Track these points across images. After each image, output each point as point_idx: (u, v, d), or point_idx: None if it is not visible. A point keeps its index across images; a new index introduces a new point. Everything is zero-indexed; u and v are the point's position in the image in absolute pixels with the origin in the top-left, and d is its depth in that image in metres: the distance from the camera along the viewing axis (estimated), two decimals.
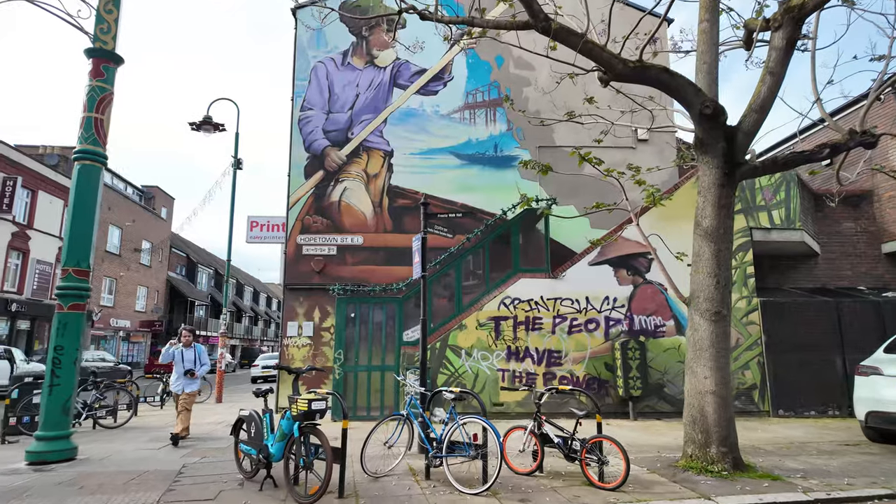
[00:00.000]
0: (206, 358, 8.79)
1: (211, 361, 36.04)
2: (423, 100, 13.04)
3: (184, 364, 8.58)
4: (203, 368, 8.71)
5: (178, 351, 8.65)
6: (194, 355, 8.68)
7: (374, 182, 12.62)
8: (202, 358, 8.76)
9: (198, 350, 8.79)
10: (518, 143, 12.95)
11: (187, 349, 8.68)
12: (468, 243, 11.56)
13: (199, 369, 8.68)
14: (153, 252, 36.90)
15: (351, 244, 12.26)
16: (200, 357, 8.75)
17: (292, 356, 11.77)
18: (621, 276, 11.04)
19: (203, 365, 8.71)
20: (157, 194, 38.89)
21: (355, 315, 10.76)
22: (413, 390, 6.53)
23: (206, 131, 17.17)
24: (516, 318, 10.73)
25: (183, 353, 8.64)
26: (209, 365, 8.64)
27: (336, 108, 12.90)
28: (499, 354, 10.59)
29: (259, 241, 12.99)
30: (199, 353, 8.78)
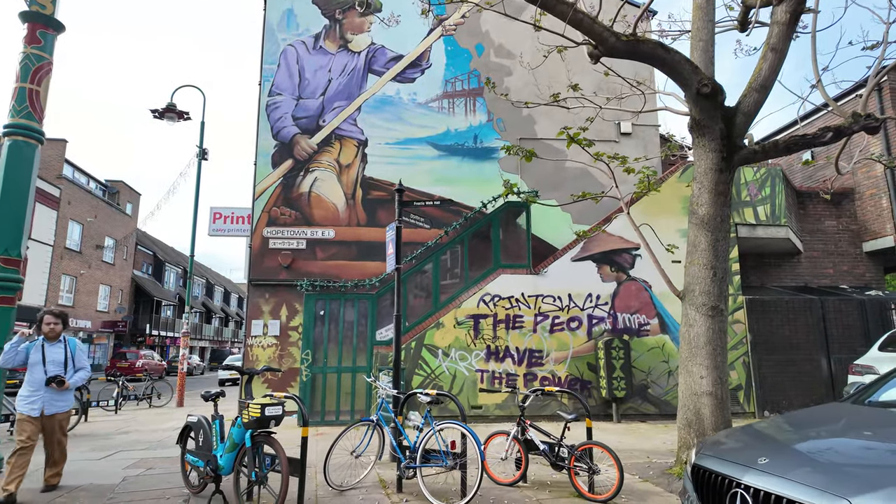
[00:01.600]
0: (85, 359, 5.52)
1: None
2: (400, 87, 12.42)
3: (45, 368, 5.19)
4: (78, 376, 5.39)
5: (32, 346, 5.26)
6: (64, 354, 5.34)
7: (347, 173, 11.94)
8: (77, 359, 5.44)
9: (71, 346, 5.44)
10: (499, 135, 12.43)
11: (52, 344, 5.32)
12: (446, 237, 10.99)
13: (72, 377, 5.32)
14: (117, 249, 35.33)
15: (321, 238, 11.55)
16: (75, 357, 5.42)
17: (257, 357, 11.00)
18: (605, 273, 10.60)
19: (79, 370, 5.42)
20: (122, 189, 37.30)
21: (325, 312, 10.07)
22: (385, 393, 5.91)
23: (169, 119, 16.24)
24: (496, 315, 10.19)
25: (44, 351, 5.26)
26: (88, 370, 5.54)
27: (307, 94, 12.18)
28: (478, 354, 10.03)
29: (223, 233, 12.18)
30: (73, 350, 5.44)
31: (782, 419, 3.92)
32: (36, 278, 26.53)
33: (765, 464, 2.73)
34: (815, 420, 3.65)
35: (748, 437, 3.41)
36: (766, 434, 3.40)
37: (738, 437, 3.52)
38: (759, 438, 3.32)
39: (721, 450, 3.22)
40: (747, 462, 2.83)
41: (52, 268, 27.89)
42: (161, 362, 31.05)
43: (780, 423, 3.75)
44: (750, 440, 3.34)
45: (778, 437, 3.33)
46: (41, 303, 26.87)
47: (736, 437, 3.54)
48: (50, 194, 27.61)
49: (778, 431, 3.47)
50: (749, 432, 3.54)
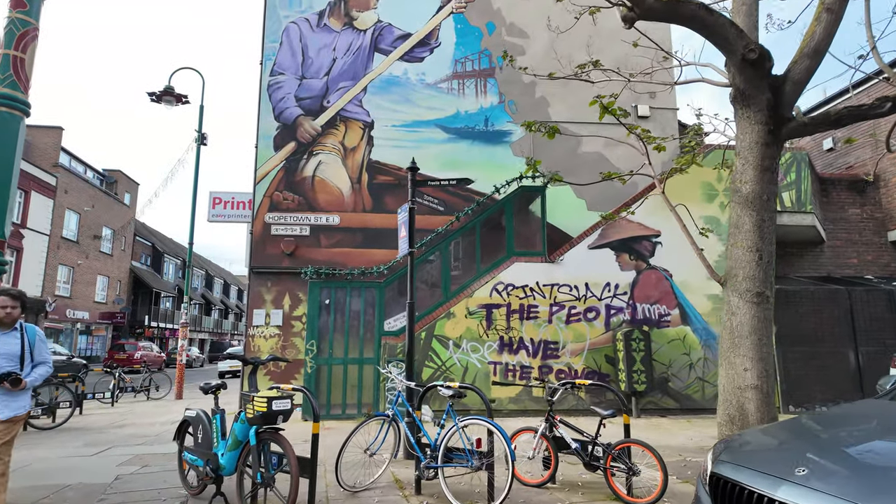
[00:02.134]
0: (46, 351, 4.26)
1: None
2: (408, 67, 11.88)
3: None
4: (38, 373, 4.12)
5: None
6: (22, 345, 4.07)
7: (353, 156, 11.42)
8: (37, 351, 4.17)
9: (29, 336, 4.17)
10: (510, 117, 11.90)
11: (5, 333, 4.04)
12: (457, 223, 10.50)
13: (30, 374, 4.07)
14: (115, 240, 34.81)
15: (326, 224, 11.05)
16: (34, 349, 4.15)
17: (259, 348, 10.53)
18: (623, 261, 10.12)
19: (38, 364, 4.16)
20: (120, 179, 36.70)
21: (330, 301, 9.60)
22: (401, 385, 5.44)
23: (167, 103, 15.69)
24: (509, 305, 9.72)
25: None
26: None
27: (310, 74, 11.63)
28: (490, 346, 9.57)
29: (222, 219, 11.68)
30: (33, 341, 4.18)
31: (817, 418, 3.42)
32: (32, 268, 26.04)
33: (803, 475, 2.22)
34: (857, 419, 3.12)
35: (778, 440, 2.90)
36: (801, 436, 2.89)
37: (764, 440, 3.00)
38: (793, 442, 2.81)
39: (746, 455, 2.70)
40: (781, 473, 2.31)
41: (49, 257, 27.38)
42: (160, 354, 30.63)
43: (816, 422, 3.23)
44: (781, 443, 2.83)
45: (816, 440, 2.81)
46: (38, 293, 26.40)
47: (762, 440, 3.02)
48: (46, 182, 27.06)
49: (815, 433, 2.96)
50: (779, 434, 3.03)
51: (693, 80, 6.54)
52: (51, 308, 27.24)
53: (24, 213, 25.40)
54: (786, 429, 3.15)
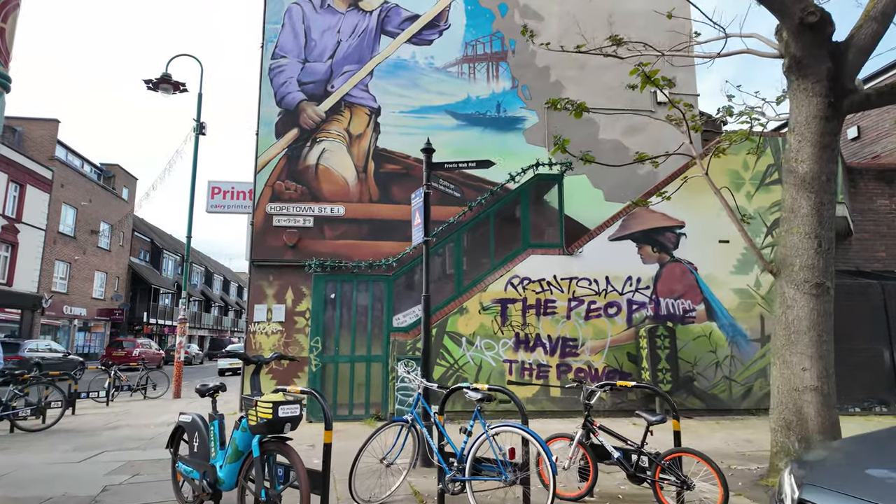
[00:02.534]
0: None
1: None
2: (416, 50, 11.31)
3: None
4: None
5: None
6: None
7: (358, 143, 10.86)
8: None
9: None
10: (524, 103, 11.34)
11: None
12: (470, 213, 9.94)
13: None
14: (113, 235, 34.25)
15: (330, 215, 10.51)
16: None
17: (260, 345, 10.00)
18: (646, 253, 9.58)
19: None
20: (118, 173, 36.12)
21: (336, 296, 9.05)
22: (418, 385, 4.89)
23: (164, 91, 15.12)
24: (525, 300, 9.18)
25: None
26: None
27: (314, 57, 11.07)
28: (505, 343, 9.03)
29: (222, 210, 11.13)
30: None
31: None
32: (28, 263, 25.49)
33: None
34: None
35: (875, 460, 2.38)
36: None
37: (861, 457, 2.47)
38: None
39: (843, 479, 2.19)
40: None
41: (46, 253, 26.83)
42: (159, 351, 30.12)
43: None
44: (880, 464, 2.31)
45: None
46: (34, 289, 25.87)
47: (858, 456, 2.50)
48: (42, 176, 26.49)
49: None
50: (871, 452, 2.51)
51: (737, 51, 5.97)
52: (47, 304, 26.71)
53: (19, 207, 24.84)
54: (875, 445, 2.62)
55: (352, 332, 8.97)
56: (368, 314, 9.01)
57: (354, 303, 9.03)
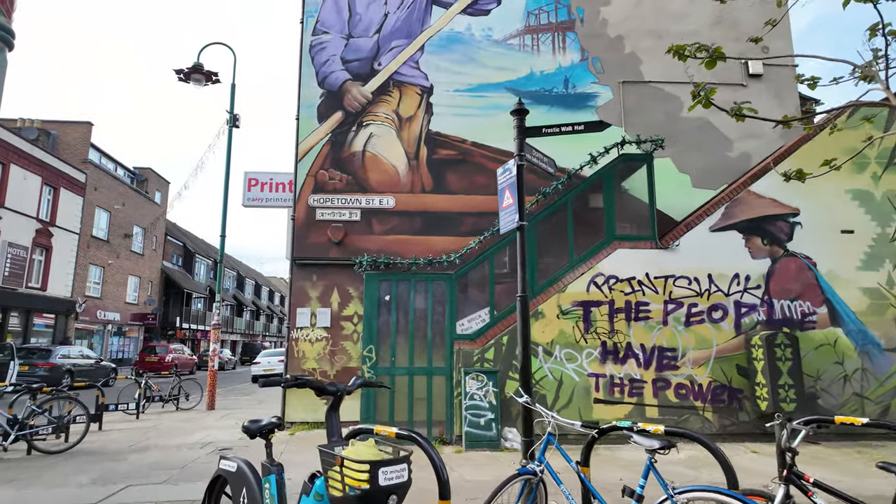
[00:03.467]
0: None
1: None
2: (471, 21, 10.07)
3: None
4: None
5: None
6: None
7: (409, 127, 9.66)
8: None
9: None
10: (595, 78, 9.97)
11: None
12: (544, 200, 8.60)
13: None
14: (146, 239, 34.00)
15: (379, 207, 9.33)
16: None
17: (303, 353, 8.85)
18: (755, 246, 8.08)
19: None
20: (150, 177, 35.95)
21: (391, 298, 7.82)
22: (549, 421, 3.52)
23: (196, 82, 14.21)
24: (613, 303, 7.79)
25: None
26: None
27: (358, 32, 9.93)
28: (590, 353, 7.65)
29: (259, 203, 10.07)
30: None
31: None
32: (62, 268, 25.17)
33: None
34: None
35: None
36: None
37: None
38: None
39: None
40: None
41: (79, 257, 26.51)
42: (191, 357, 29.58)
43: None
44: None
45: None
46: (67, 294, 25.55)
47: None
48: (75, 179, 26.20)
49: None
50: None
51: None
52: (81, 309, 26.37)
53: (52, 210, 24.53)
54: None
55: (409, 339, 7.72)
56: (428, 319, 7.75)
57: (412, 306, 7.78)
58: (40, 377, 17.14)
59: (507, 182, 5.10)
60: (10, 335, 22.04)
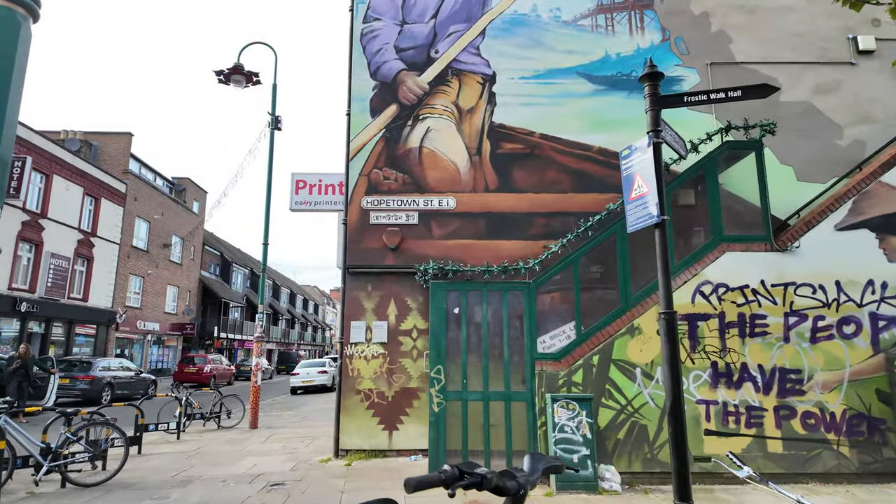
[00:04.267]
0: None
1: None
2: (536, 2, 9.08)
3: None
4: None
5: None
6: None
7: (470, 119, 8.71)
8: None
9: None
10: (679, 59, 8.83)
11: None
12: None
13: None
14: (184, 249, 34.06)
15: (438, 209, 8.38)
16: None
17: (358, 372, 7.93)
18: (891, 247, 6.78)
19: None
20: (189, 187, 36.10)
21: (461, 310, 6.83)
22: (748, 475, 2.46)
23: (236, 84, 13.63)
24: (723, 316, 6.61)
25: None
26: None
27: (413, 18, 9.06)
28: (698, 375, 6.48)
29: (308, 207, 9.25)
30: None
31: None
32: (103, 278, 25.17)
33: None
34: None
35: None
36: None
37: None
38: None
39: None
40: None
41: (119, 267, 26.52)
42: (229, 367, 29.24)
43: None
44: None
45: None
46: (108, 304, 25.52)
47: None
48: (116, 189, 26.26)
49: None
50: None
51: None
52: (121, 320, 26.33)
53: (94, 221, 24.56)
54: None
55: (483, 358, 6.69)
56: (504, 335, 6.71)
57: (485, 319, 6.76)
58: (81, 391, 16.86)
59: (637, 166, 4.06)
60: (52, 346, 22.00)
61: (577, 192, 8.42)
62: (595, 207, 8.29)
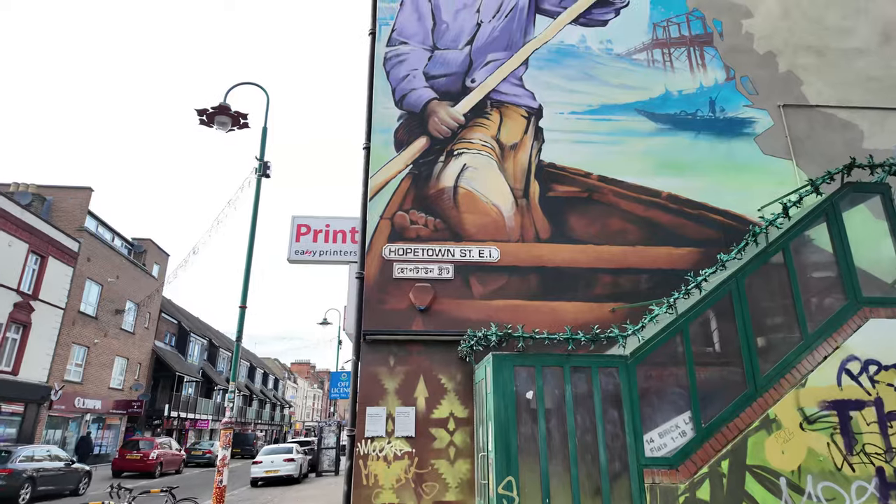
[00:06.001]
0: None
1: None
2: (585, 33, 8.04)
3: None
4: None
5: None
6: None
7: (514, 157, 7.30)
8: None
9: None
10: (747, 99, 7.79)
11: None
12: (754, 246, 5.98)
13: None
14: (138, 316, 30.86)
15: (479, 260, 6.72)
16: None
17: (375, 479, 5.82)
18: None
19: None
20: (150, 248, 33.43)
21: (536, 394, 4.97)
22: None
23: (220, 126, 12.03)
24: (881, 403, 4.99)
25: None
26: None
27: (445, 43, 7.84)
28: (862, 488, 4.73)
29: (311, 258, 7.36)
30: None
31: None
32: (40, 347, 21.89)
33: None
34: None
35: None
36: None
37: None
38: None
39: None
40: None
41: (62, 335, 23.30)
42: (178, 452, 25.46)
43: None
44: None
45: None
46: (43, 378, 22.06)
47: None
48: (67, 248, 23.60)
49: None
50: None
51: None
52: (56, 397, 22.73)
53: (37, 282, 21.68)
54: None
55: (572, 466, 4.76)
56: (597, 431, 4.85)
57: (570, 409, 4.90)
58: None
59: None
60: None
61: (646, 244, 6.93)
62: (668, 264, 6.79)
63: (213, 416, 40.73)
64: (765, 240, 5.52)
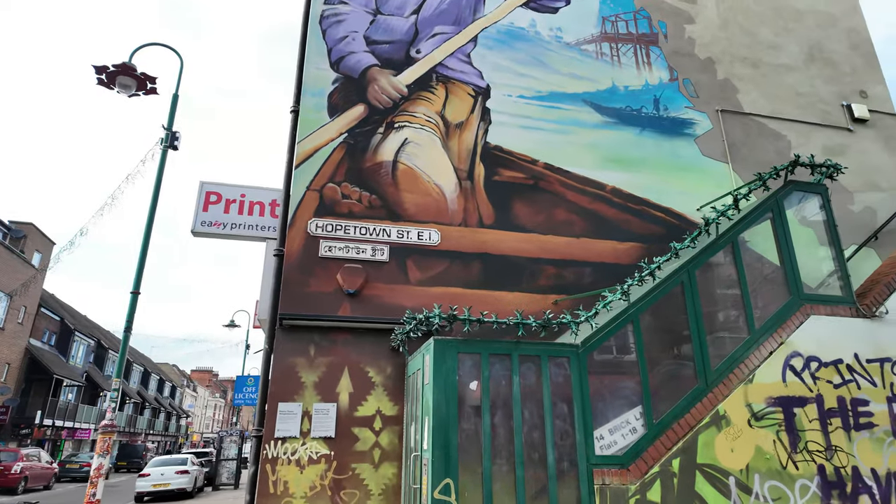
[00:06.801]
0: None
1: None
2: (536, 18, 7.74)
3: None
4: None
5: None
6: None
7: (459, 135, 6.78)
8: None
9: None
10: (689, 102, 7.83)
11: None
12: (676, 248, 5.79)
13: None
14: (10, 309, 27.00)
15: (418, 243, 6.10)
16: None
17: (285, 486, 4.96)
18: None
19: None
20: (31, 234, 29.48)
21: (485, 386, 4.38)
22: None
23: (123, 89, 10.54)
24: (821, 399, 4.93)
25: None
26: None
27: (389, 9, 7.21)
28: (805, 486, 4.59)
29: (220, 231, 6.28)
30: None
31: None
32: None
33: None
34: None
35: None
36: None
37: None
38: None
39: None
40: None
41: None
42: (50, 465, 22.32)
43: None
44: None
45: None
46: None
47: None
48: None
49: None
50: None
51: None
52: None
53: None
54: None
55: (517, 466, 4.21)
56: (545, 427, 4.35)
57: (517, 401, 4.36)
58: None
59: None
60: None
61: (591, 236, 6.65)
62: (612, 258, 6.56)
63: (95, 425, 36.44)
64: (716, 231, 5.37)
